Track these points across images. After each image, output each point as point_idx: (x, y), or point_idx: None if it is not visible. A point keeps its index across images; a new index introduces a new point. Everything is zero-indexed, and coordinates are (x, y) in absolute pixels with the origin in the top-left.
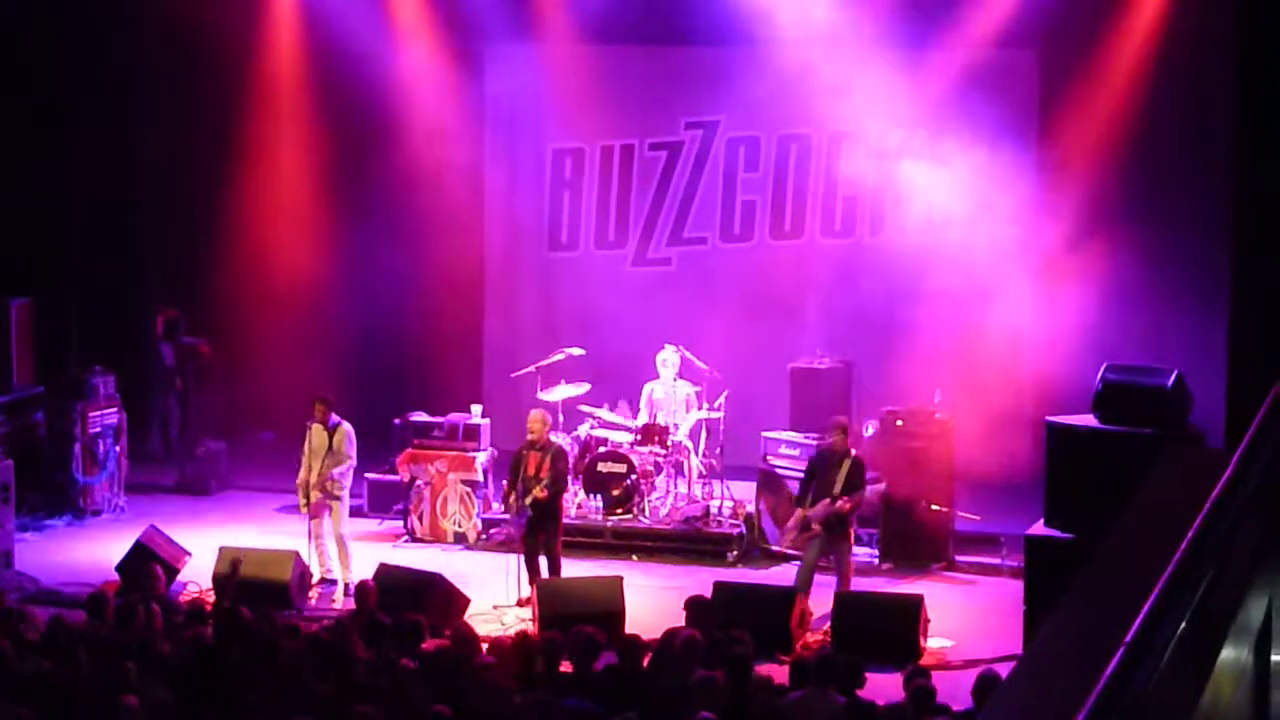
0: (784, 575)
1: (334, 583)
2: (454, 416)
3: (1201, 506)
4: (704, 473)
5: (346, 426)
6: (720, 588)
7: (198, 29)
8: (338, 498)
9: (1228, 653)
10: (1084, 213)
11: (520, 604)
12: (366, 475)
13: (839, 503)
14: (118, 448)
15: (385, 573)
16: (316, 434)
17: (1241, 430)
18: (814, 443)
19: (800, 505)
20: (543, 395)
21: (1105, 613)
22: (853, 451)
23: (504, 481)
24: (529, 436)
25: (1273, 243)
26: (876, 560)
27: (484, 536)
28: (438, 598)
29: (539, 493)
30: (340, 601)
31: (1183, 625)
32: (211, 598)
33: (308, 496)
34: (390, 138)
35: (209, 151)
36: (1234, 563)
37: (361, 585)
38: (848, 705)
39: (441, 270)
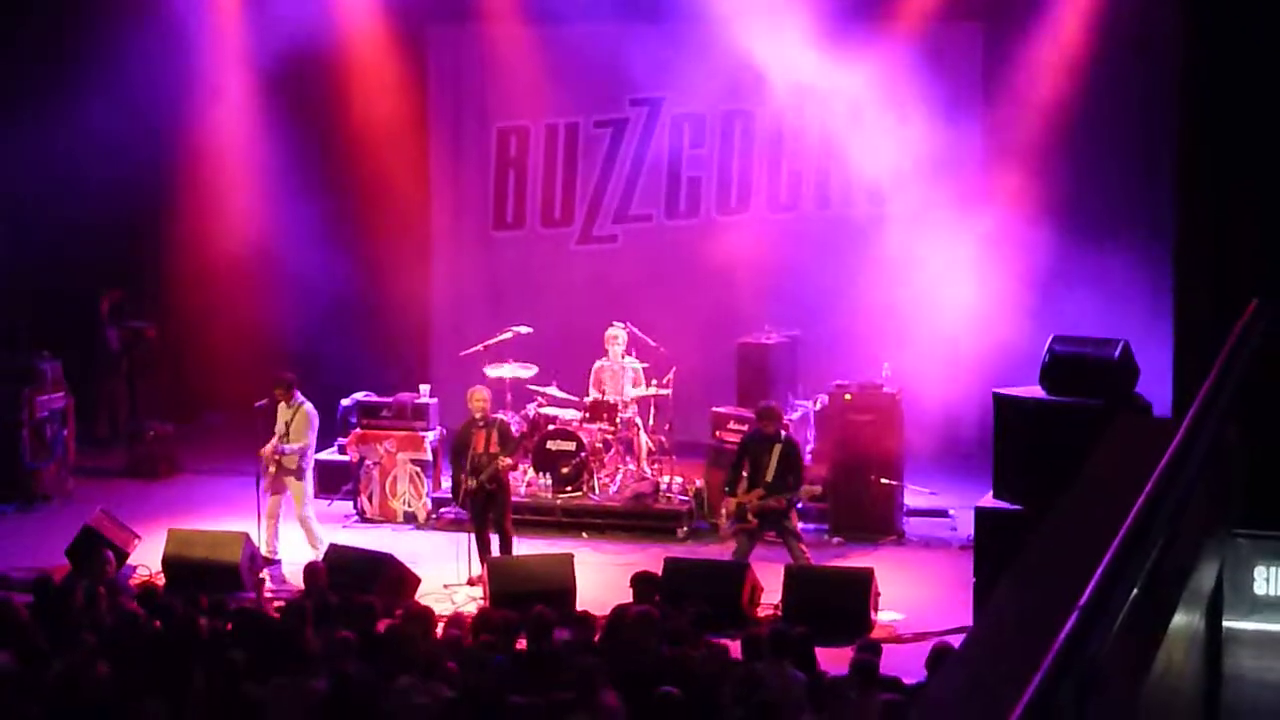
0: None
1: (278, 563)
2: (402, 396)
3: (1150, 476)
4: (653, 449)
5: (308, 407)
6: (671, 563)
7: (138, 5)
8: (294, 475)
9: (1180, 618)
10: (1030, 185)
11: (471, 582)
12: (315, 456)
13: (770, 501)
14: (65, 432)
15: (335, 553)
16: (281, 412)
17: (1188, 401)
18: None
19: (730, 491)
20: (490, 372)
21: (1056, 581)
22: (783, 435)
23: (451, 467)
24: (474, 414)
25: (1216, 214)
26: (826, 534)
27: (434, 516)
28: (389, 578)
29: (505, 462)
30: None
31: (1135, 591)
32: (162, 581)
33: (267, 471)
34: (333, 119)
35: (151, 133)
36: (1184, 530)
37: (311, 566)
38: (805, 679)
39: (387, 250)
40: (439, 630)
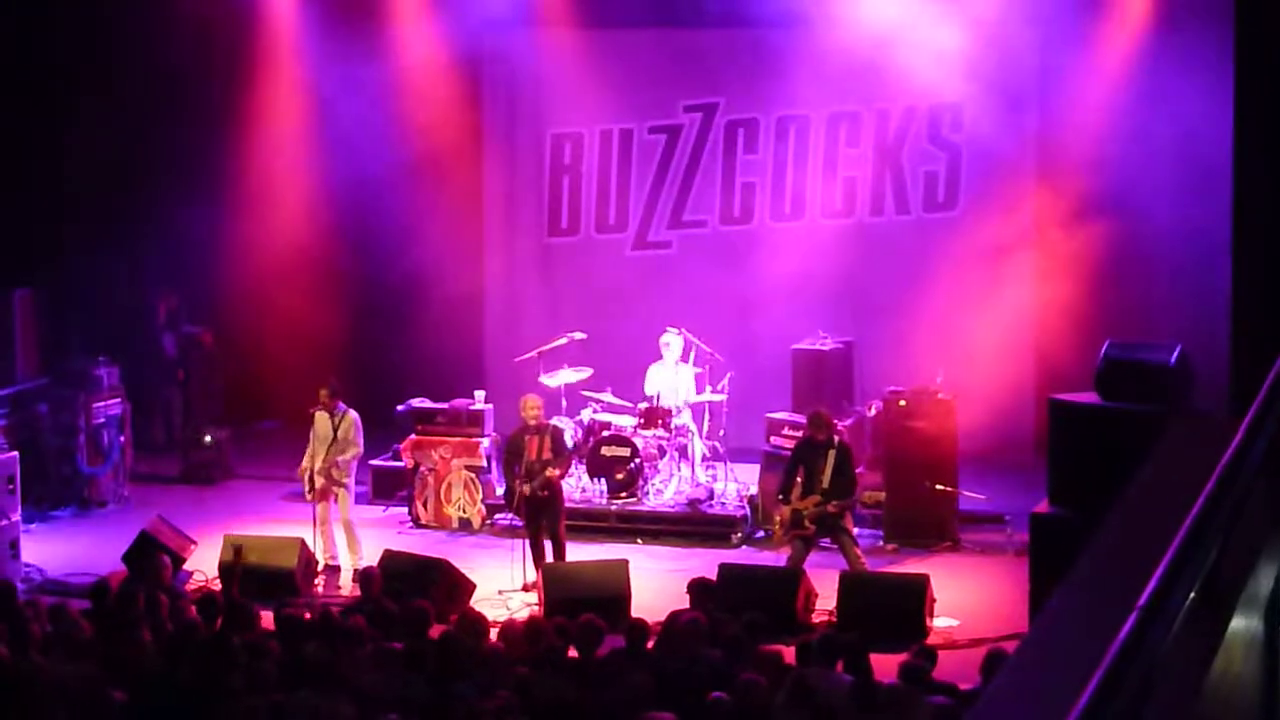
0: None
1: (338, 569)
2: (457, 402)
3: (1208, 478)
4: (707, 455)
5: (353, 414)
6: (725, 570)
7: (191, 13)
8: (343, 484)
9: (1238, 622)
10: (1084, 188)
11: (526, 589)
12: (371, 462)
13: (830, 505)
14: (122, 438)
15: (390, 559)
16: (321, 421)
17: (1245, 405)
18: None
19: (784, 499)
20: (545, 380)
21: (1113, 585)
22: (836, 440)
23: (504, 474)
24: (528, 421)
25: (1273, 215)
26: (881, 541)
27: (488, 522)
28: (443, 583)
29: (553, 472)
30: (348, 588)
31: (1192, 594)
32: (218, 586)
33: (312, 484)
34: (389, 125)
35: (209, 140)
36: (1243, 532)
37: (366, 572)
38: (853, 684)
39: (442, 257)
40: (491, 637)
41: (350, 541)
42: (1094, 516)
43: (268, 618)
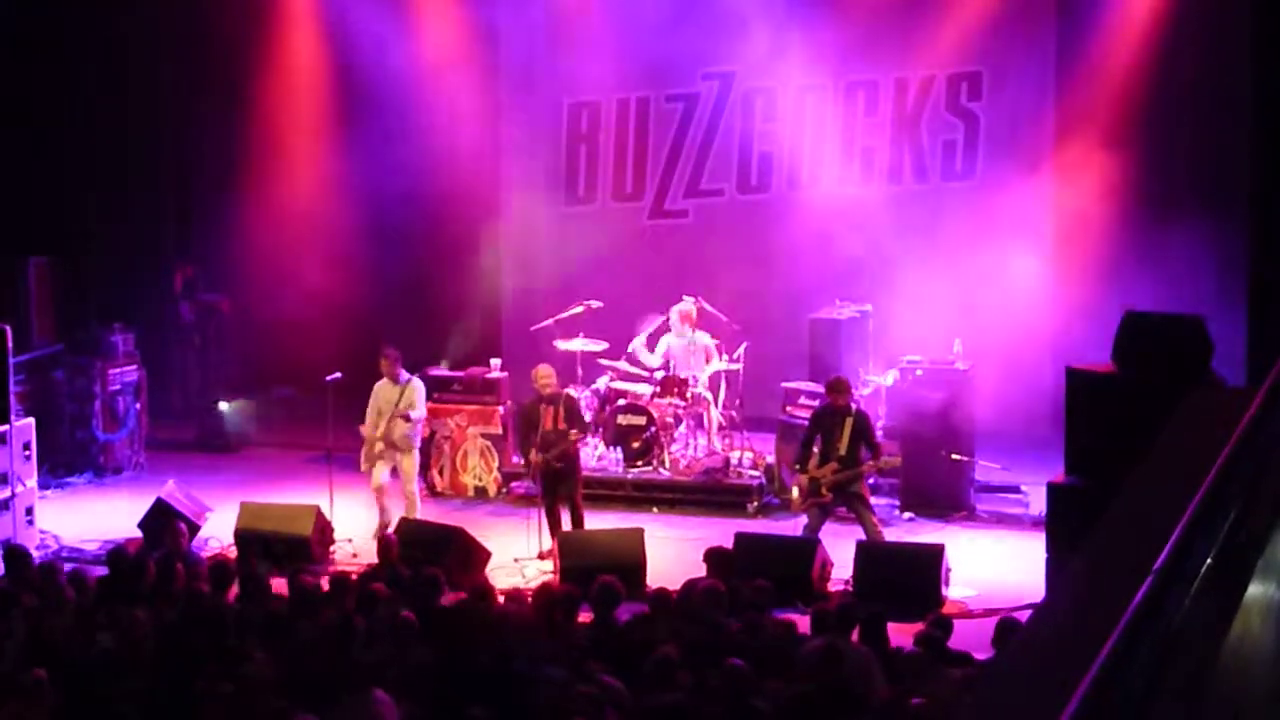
0: (803, 525)
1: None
2: (473, 370)
3: (1225, 447)
4: (724, 424)
5: (417, 382)
6: (741, 539)
7: None
8: (405, 449)
9: (1255, 588)
10: (1101, 157)
11: (542, 556)
12: None
13: (846, 472)
14: (138, 405)
15: (407, 527)
16: (385, 390)
17: (1261, 374)
18: None
19: (801, 468)
20: (561, 346)
21: (1129, 553)
22: (854, 407)
23: (519, 444)
24: (542, 391)
25: None
26: (897, 510)
27: (504, 490)
28: (459, 551)
29: (576, 436)
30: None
31: (1209, 560)
32: (234, 553)
33: (372, 453)
34: (404, 94)
35: (225, 110)
36: (1260, 500)
37: (384, 539)
38: (870, 654)
39: (459, 225)
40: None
41: (410, 509)
42: (1111, 487)
43: (282, 585)
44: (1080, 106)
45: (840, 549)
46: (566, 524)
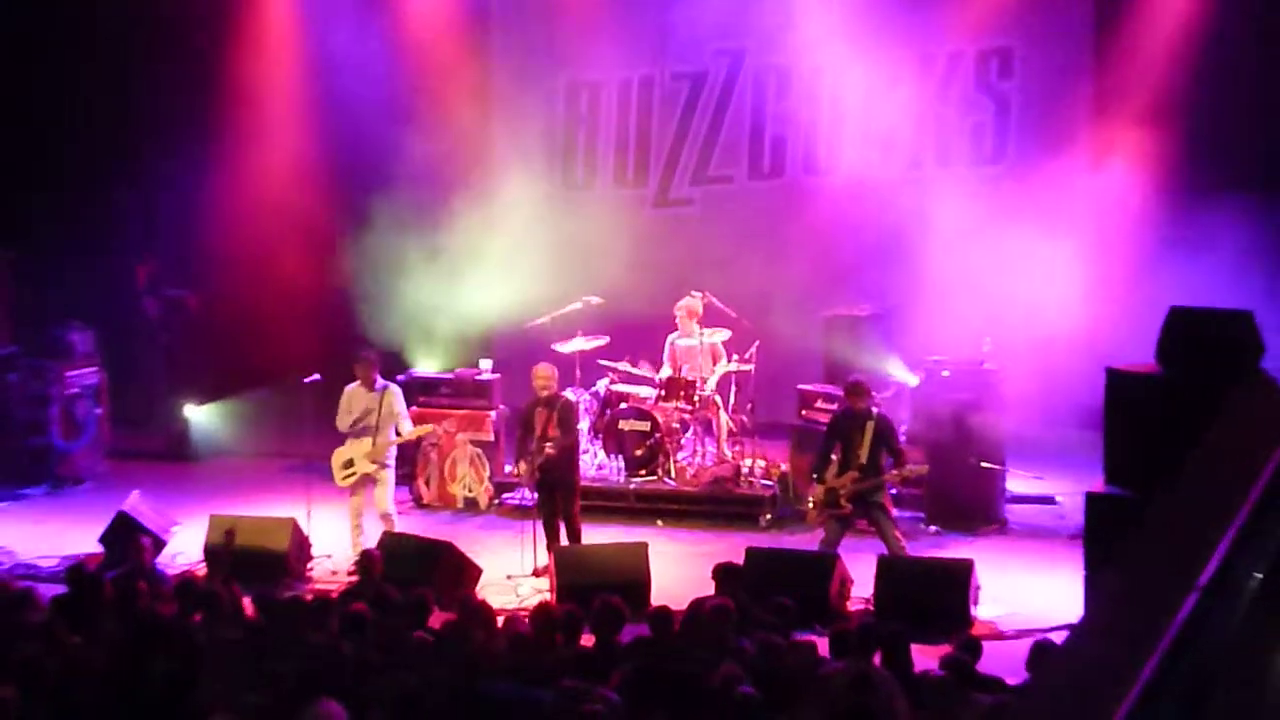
0: (820, 539)
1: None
2: (462, 371)
3: (1276, 449)
4: (734, 430)
5: (395, 388)
6: (753, 554)
7: None
8: (386, 467)
9: None
10: (1141, 142)
11: (537, 574)
12: None
13: (867, 482)
14: (99, 410)
15: (391, 541)
16: (358, 398)
17: None
18: None
19: (819, 478)
20: (558, 348)
21: (1171, 565)
22: (875, 411)
23: (516, 448)
24: (540, 392)
25: None
26: (922, 523)
27: (496, 501)
28: (447, 568)
29: (548, 451)
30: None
31: (1258, 574)
32: (204, 570)
33: (349, 470)
34: (389, 74)
35: (193, 93)
36: None
37: (366, 554)
38: (892, 679)
39: (446, 215)
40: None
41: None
42: (1154, 496)
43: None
44: (1119, 84)
45: (860, 565)
46: (564, 538)
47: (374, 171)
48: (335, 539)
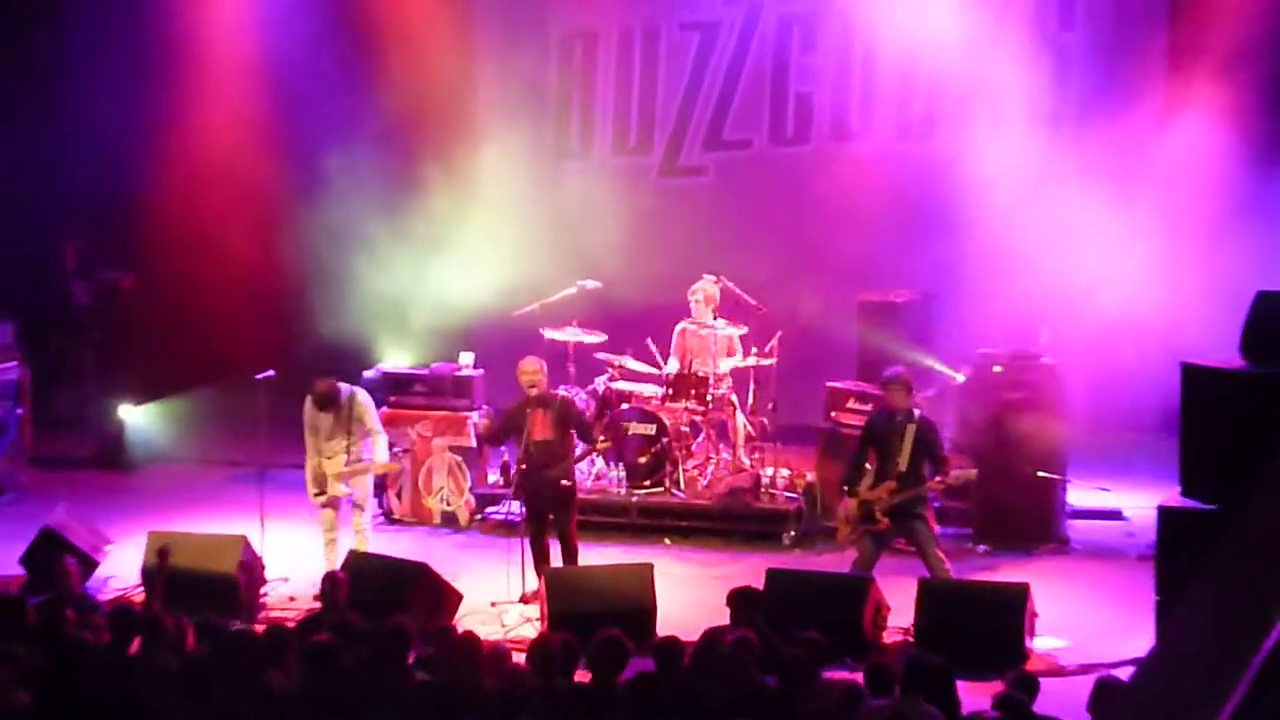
0: (852, 560)
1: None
2: (439, 367)
3: None
4: (752, 434)
5: (361, 394)
6: (774, 576)
7: None
8: (365, 475)
9: None
10: (1225, 98)
11: (525, 600)
12: None
13: (908, 493)
14: (19, 411)
15: (357, 562)
16: (322, 415)
17: None
18: None
19: (850, 490)
20: (549, 333)
21: (1254, 592)
22: (916, 413)
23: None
24: (528, 390)
25: None
26: (970, 541)
27: (478, 516)
28: (423, 593)
29: (604, 444)
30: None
31: None
32: (140, 596)
33: (321, 487)
34: (352, 23)
35: (130, 42)
36: None
37: (330, 578)
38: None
39: (419, 186)
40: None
41: (360, 548)
42: (1238, 509)
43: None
44: (1198, 33)
45: (898, 590)
46: (556, 559)
47: (334, 133)
48: (294, 560)
